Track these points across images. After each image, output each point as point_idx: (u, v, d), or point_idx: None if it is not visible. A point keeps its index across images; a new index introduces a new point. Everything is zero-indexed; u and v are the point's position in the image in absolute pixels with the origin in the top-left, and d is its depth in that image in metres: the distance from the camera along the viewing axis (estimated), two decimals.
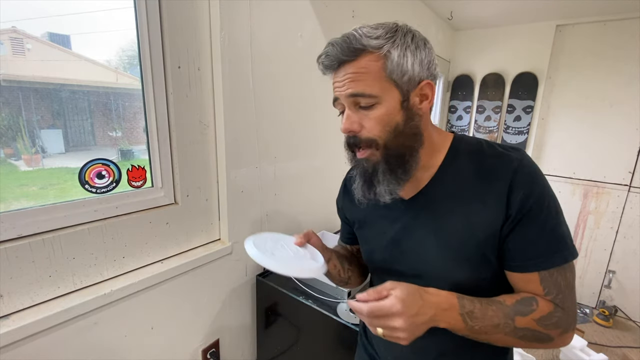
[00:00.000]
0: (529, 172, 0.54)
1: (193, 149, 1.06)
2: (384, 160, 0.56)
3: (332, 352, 1.10)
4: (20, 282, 0.76)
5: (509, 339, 0.53)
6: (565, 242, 0.54)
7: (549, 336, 0.53)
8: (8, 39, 0.78)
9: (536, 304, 0.53)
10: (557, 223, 0.54)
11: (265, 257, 0.58)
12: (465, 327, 0.51)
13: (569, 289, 0.54)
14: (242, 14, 1.07)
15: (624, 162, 2.26)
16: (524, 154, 0.56)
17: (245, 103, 1.14)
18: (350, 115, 0.56)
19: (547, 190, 0.54)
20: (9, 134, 0.77)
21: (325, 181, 1.59)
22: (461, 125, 2.83)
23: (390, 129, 0.55)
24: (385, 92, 0.54)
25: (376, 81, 0.53)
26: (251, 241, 0.62)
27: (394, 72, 0.53)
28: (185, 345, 1.12)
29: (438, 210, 0.59)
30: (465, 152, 0.60)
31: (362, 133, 0.55)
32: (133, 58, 0.94)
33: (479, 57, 2.69)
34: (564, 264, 0.53)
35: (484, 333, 0.52)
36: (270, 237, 0.67)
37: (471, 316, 0.52)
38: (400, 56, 0.53)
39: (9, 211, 0.74)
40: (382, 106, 0.54)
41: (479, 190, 0.56)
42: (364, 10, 1.60)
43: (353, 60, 0.53)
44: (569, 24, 2.31)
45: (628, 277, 2.29)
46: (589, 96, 2.33)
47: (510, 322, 0.52)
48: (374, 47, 0.53)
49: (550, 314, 0.53)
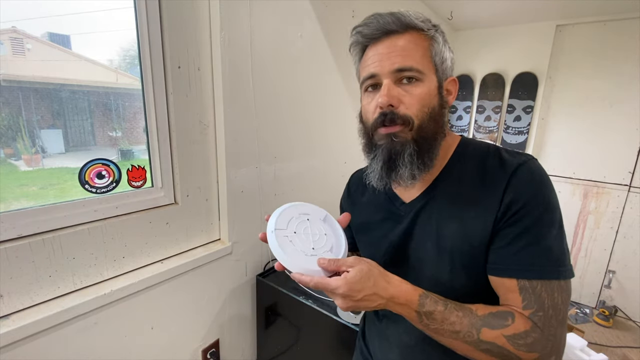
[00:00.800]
0: (527, 176, 0.51)
1: (193, 149, 1.06)
2: (415, 141, 0.54)
3: (332, 352, 1.10)
4: (20, 282, 0.76)
5: (469, 349, 0.49)
6: (554, 257, 0.49)
7: (519, 358, 0.47)
8: (8, 39, 0.78)
9: (512, 319, 0.48)
10: (549, 233, 0.50)
11: (282, 250, 0.54)
12: (420, 323, 0.51)
13: (554, 311, 0.48)
14: (242, 14, 1.07)
15: (624, 162, 2.26)
16: (530, 159, 0.53)
17: (245, 103, 1.14)
18: (392, 88, 0.53)
19: (543, 197, 0.50)
20: (9, 134, 0.77)
21: (326, 181, 1.59)
22: (461, 125, 2.83)
23: (428, 110, 0.53)
24: (428, 71, 0.54)
25: (422, 58, 0.53)
26: (274, 219, 0.57)
27: (437, 55, 0.54)
28: (185, 345, 1.12)
29: (438, 214, 0.57)
30: (470, 157, 0.58)
31: (400, 109, 0.53)
32: (133, 58, 0.94)
33: (478, 57, 2.69)
34: (552, 280, 0.49)
35: (441, 335, 0.50)
36: (300, 210, 0.61)
37: (429, 316, 0.50)
38: (443, 43, 0.55)
39: (9, 211, 0.74)
40: (423, 84, 0.53)
41: (477, 195, 0.54)
42: (364, 10, 1.60)
43: (402, 33, 0.53)
44: (569, 24, 2.31)
45: (628, 277, 2.29)
46: (589, 96, 2.33)
47: (474, 332, 0.48)
48: (423, 28, 0.53)
49: (526, 332, 0.47)
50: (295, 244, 0.55)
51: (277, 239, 0.54)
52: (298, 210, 0.60)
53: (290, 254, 0.53)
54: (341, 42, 1.49)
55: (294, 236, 0.56)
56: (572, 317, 2.07)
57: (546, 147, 2.54)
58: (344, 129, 1.63)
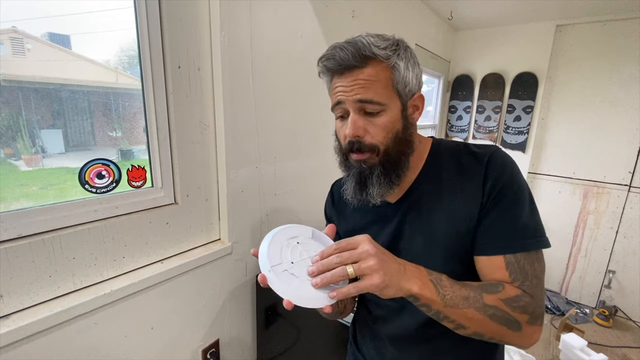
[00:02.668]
0: (499, 162, 0.58)
1: (193, 149, 1.06)
2: (381, 164, 0.59)
3: (332, 352, 1.10)
4: (20, 282, 0.75)
5: (480, 317, 0.51)
6: (532, 230, 0.55)
7: (517, 321, 0.52)
8: (8, 39, 0.78)
9: (502, 287, 0.53)
10: (524, 210, 0.56)
11: (278, 280, 0.50)
12: (437, 294, 0.51)
13: (536, 279, 0.55)
14: (242, 14, 1.07)
15: (624, 162, 2.26)
16: (497, 149, 0.60)
17: (245, 103, 1.14)
18: (356, 120, 0.57)
19: (515, 179, 0.57)
20: (9, 134, 0.77)
21: (326, 181, 1.59)
22: (461, 125, 2.83)
23: (392, 136, 0.58)
24: (391, 100, 0.57)
25: (385, 90, 0.56)
26: (265, 256, 0.53)
27: (399, 83, 0.57)
28: (185, 345, 1.12)
29: (423, 208, 0.62)
30: (444, 154, 0.63)
31: (366, 139, 0.57)
32: (133, 58, 0.94)
33: (479, 57, 2.69)
34: (530, 251, 0.55)
35: (456, 306, 0.51)
36: (286, 235, 0.57)
37: (440, 284, 0.51)
38: (404, 69, 0.57)
39: (9, 211, 0.74)
40: (387, 114, 0.57)
41: (458, 187, 0.59)
42: (364, 10, 1.60)
43: (363, 67, 0.55)
44: (569, 24, 2.31)
45: (628, 277, 2.29)
46: (589, 96, 2.33)
47: (478, 296, 0.51)
48: (383, 57, 0.55)
49: (517, 297, 0.53)
50: (298, 276, 0.51)
51: (278, 276, 0.50)
52: (284, 235, 0.57)
53: (299, 289, 0.50)
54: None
55: (293, 267, 0.52)
56: (572, 317, 2.07)
57: (546, 147, 2.54)
58: None
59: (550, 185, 2.55)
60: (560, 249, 2.54)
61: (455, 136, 2.87)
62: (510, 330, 0.52)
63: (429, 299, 0.50)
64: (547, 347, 1.82)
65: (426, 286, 0.50)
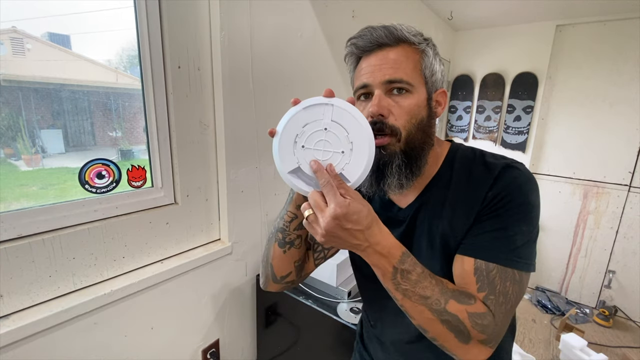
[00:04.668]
0: (511, 175, 0.54)
1: (193, 149, 1.06)
2: (403, 152, 0.55)
3: (332, 352, 1.10)
4: (20, 282, 0.76)
5: (430, 319, 0.49)
6: (518, 249, 0.51)
7: (469, 336, 0.49)
8: (8, 39, 0.78)
9: (474, 300, 0.50)
10: (517, 228, 0.52)
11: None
12: (392, 280, 0.50)
13: (504, 298, 0.50)
14: (242, 14, 1.07)
15: (624, 162, 2.26)
16: (515, 164, 0.56)
17: (245, 103, 1.14)
18: (382, 98, 0.54)
19: (524, 194, 0.53)
20: (9, 134, 0.77)
21: None
22: (461, 125, 2.83)
23: (416, 121, 0.55)
24: (418, 84, 0.56)
25: (413, 71, 0.55)
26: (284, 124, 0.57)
27: (427, 68, 0.56)
28: (185, 345, 1.12)
29: (430, 215, 0.60)
30: (458, 161, 0.61)
31: (390, 119, 0.54)
32: (133, 58, 0.94)
33: (479, 57, 2.69)
34: (506, 267, 0.51)
35: (408, 298, 0.50)
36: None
37: (404, 275, 0.49)
38: (433, 57, 0.56)
39: (9, 211, 0.74)
40: (413, 96, 0.55)
41: (464, 197, 0.57)
42: (364, 10, 1.60)
43: (394, 46, 0.55)
44: (569, 24, 2.31)
45: (628, 277, 2.29)
46: (589, 96, 2.33)
47: (442, 301, 0.49)
48: (414, 42, 0.55)
49: (483, 314, 0.49)
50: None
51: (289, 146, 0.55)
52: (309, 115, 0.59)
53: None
54: (341, 42, 1.48)
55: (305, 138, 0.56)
56: (572, 317, 2.07)
57: (546, 147, 2.54)
58: None
59: (550, 185, 2.55)
60: (560, 249, 2.54)
61: (455, 136, 2.87)
62: (457, 339, 0.49)
63: (380, 276, 0.51)
64: (547, 347, 1.82)
65: (383, 269, 0.50)
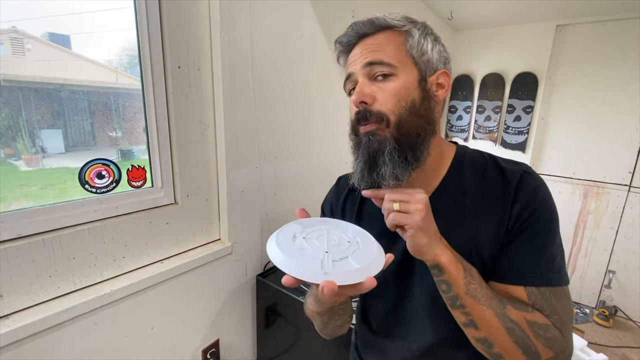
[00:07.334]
0: (531, 186, 0.52)
1: (193, 149, 1.06)
2: (394, 138, 0.51)
3: (332, 352, 1.10)
4: (20, 282, 0.75)
5: (497, 325, 0.46)
6: (558, 265, 0.50)
7: (537, 352, 0.45)
8: (8, 39, 0.78)
9: (532, 309, 0.48)
10: (553, 243, 0.51)
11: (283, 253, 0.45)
12: (464, 277, 0.47)
13: (567, 317, 0.49)
14: (242, 14, 1.07)
15: (624, 162, 2.26)
16: (528, 168, 0.55)
17: (245, 103, 1.14)
18: (364, 84, 0.52)
19: (547, 206, 0.52)
20: (9, 134, 0.77)
21: (325, 181, 1.59)
22: (461, 125, 2.82)
23: (406, 105, 0.51)
24: (403, 65, 0.52)
25: (395, 52, 0.52)
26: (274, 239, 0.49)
27: (414, 48, 0.53)
28: (185, 345, 1.12)
29: (442, 223, 0.53)
30: (468, 165, 0.58)
31: (374, 106, 0.51)
32: (133, 58, 0.94)
33: (479, 57, 2.68)
34: (556, 287, 0.49)
35: (477, 299, 0.47)
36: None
37: (470, 272, 0.48)
38: (420, 36, 0.54)
39: (9, 211, 0.74)
40: (398, 79, 0.51)
41: (483, 208, 0.53)
42: (364, 10, 1.60)
43: (374, 33, 0.54)
44: (569, 24, 2.31)
45: (628, 277, 2.29)
46: (589, 96, 2.32)
47: (502, 305, 0.47)
48: (397, 26, 0.53)
49: (547, 326, 0.47)
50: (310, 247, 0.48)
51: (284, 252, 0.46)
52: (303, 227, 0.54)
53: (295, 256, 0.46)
54: None
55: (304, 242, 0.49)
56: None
57: (546, 147, 2.54)
58: (344, 129, 1.63)
59: (550, 185, 2.48)
60: None
61: (455, 136, 2.87)
62: (525, 356, 0.46)
63: (453, 277, 0.47)
64: None
65: (454, 264, 0.48)
